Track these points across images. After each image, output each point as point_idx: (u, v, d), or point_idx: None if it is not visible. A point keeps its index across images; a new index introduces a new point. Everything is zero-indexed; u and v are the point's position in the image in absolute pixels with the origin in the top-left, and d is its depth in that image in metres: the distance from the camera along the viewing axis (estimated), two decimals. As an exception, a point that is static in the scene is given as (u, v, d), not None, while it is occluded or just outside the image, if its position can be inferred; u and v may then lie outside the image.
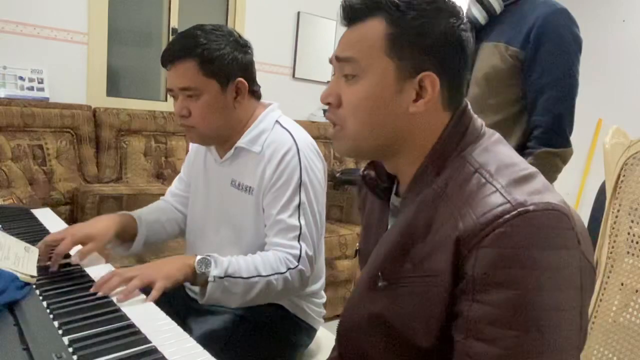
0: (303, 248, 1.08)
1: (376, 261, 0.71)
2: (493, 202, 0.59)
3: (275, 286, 1.04)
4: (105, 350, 0.67)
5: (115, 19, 2.77)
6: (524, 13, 1.40)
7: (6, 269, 0.84)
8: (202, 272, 0.98)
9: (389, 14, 0.66)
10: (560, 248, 0.57)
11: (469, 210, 0.60)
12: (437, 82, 0.66)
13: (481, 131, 0.70)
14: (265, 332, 1.17)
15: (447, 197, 0.64)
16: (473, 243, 0.58)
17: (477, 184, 0.62)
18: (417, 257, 0.65)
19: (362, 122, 0.69)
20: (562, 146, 1.37)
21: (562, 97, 1.37)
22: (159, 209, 1.35)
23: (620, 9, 4.34)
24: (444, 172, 0.67)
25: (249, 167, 1.15)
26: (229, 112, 1.14)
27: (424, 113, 0.67)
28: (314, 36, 3.64)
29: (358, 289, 0.75)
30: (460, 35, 0.67)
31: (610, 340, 1.06)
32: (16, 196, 2.10)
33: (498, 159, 0.65)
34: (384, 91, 0.67)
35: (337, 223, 2.88)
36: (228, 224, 1.20)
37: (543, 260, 0.56)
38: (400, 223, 0.69)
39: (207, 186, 1.26)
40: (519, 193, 0.59)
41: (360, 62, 0.68)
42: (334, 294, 2.63)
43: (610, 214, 1.07)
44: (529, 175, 0.63)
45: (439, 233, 0.63)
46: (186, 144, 2.81)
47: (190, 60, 1.08)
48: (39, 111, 2.34)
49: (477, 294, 0.58)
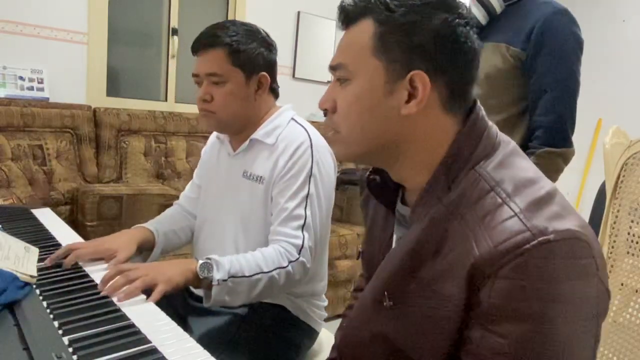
0: (306, 238, 1.09)
1: (382, 279, 0.68)
2: (512, 228, 0.56)
3: (277, 280, 1.06)
4: (105, 350, 0.67)
5: (115, 19, 2.77)
6: (524, 13, 1.40)
7: (6, 269, 0.84)
8: (205, 277, 0.99)
9: (378, 14, 0.64)
10: (580, 278, 0.55)
11: (484, 235, 0.57)
12: (427, 80, 0.62)
13: (496, 141, 0.66)
14: (266, 333, 1.17)
15: (459, 216, 0.60)
16: (489, 272, 0.55)
17: (494, 205, 0.59)
18: (426, 277, 0.62)
19: (354, 126, 0.67)
20: (564, 146, 1.37)
21: (563, 97, 1.37)
22: (171, 218, 1.37)
23: (620, 9, 4.34)
24: (455, 187, 0.63)
25: (262, 158, 1.18)
26: (249, 103, 1.19)
27: (420, 116, 0.64)
28: (314, 36, 3.64)
29: (362, 306, 0.72)
30: (456, 31, 0.63)
31: (610, 340, 1.06)
32: (16, 196, 2.10)
33: (515, 176, 0.61)
34: (374, 93, 0.65)
35: (337, 223, 2.87)
36: (236, 213, 1.21)
37: (562, 293, 0.54)
38: (409, 240, 0.65)
39: (219, 178, 1.28)
40: (538, 219, 0.56)
41: (349, 65, 0.66)
42: (334, 294, 2.63)
43: (610, 214, 1.07)
44: (548, 195, 0.59)
45: (451, 255, 0.60)
46: (186, 144, 2.81)
47: (219, 49, 1.14)
48: (39, 111, 2.34)
49: (491, 324, 0.56)
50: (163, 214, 1.39)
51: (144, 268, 0.96)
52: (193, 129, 2.85)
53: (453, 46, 0.63)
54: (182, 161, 2.78)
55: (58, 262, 1.01)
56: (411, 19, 0.62)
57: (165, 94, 3.08)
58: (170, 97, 3.08)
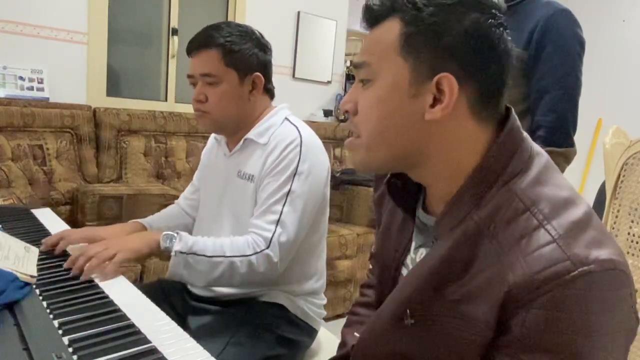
0: (277, 232, 1.10)
1: (404, 295, 0.65)
2: (550, 256, 0.52)
3: (239, 268, 1.07)
4: (105, 350, 0.67)
5: (115, 19, 2.77)
6: (526, 14, 1.40)
7: (6, 269, 0.84)
8: (166, 247, 1.04)
9: (405, 13, 0.60)
10: (617, 310, 0.53)
11: (520, 260, 0.54)
12: (455, 84, 0.59)
13: (531, 153, 0.62)
14: (265, 331, 1.17)
15: (492, 236, 0.57)
16: (525, 300, 0.53)
17: (530, 227, 0.55)
18: (452, 297, 0.59)
19: (374, 129, 0.63)
20: (566, 146, 1.37)
21: (565, 97, 1.37)
22: (168, 215, 1.40)
23: (620, 9, 4.34)
24: (487, 203, 0.59)
25: (254, 157, 1.20)
26: (243, 103, 1.20)
27: (445, 121, 0.60)
28: (314, 36, 3.64)
29: (381, 321, 0.69)
30: (488, 33, 0.59)
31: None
32: (16, 196, 2.10)
33: (552, 195, 0.58)
34: (397, 94, 0.61)
35: (337, 223, 2.87)
36: (232, 213, 1.23)
37: (598, 326, 0.52)
38: (435, 256, 0.62)
39: (216, 179, 1.29)
40: (578, 246, 0.53)
41: (373, 65, 0.63)
42: (334, 294, 2.63)
43: (610, 214, 1.07)
44: (586, 217, 0.56)
45: (482, 276, 0.57)
46: (186, 144, 2.81)
47: (213, 49, 1.15)
48: (39, 111, 2.34)
49: (521, 353, 0.54)
50: (160, 212, 1.41)
51: (104, 243, 1.01)
52: (193, 129, 2.85)
53: (485, 49, 0.59)
54: (182, 161, 2.78)
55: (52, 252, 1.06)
56: (440, 19, 0.59)
57: (165, 94, 3.08)
58: (170, 97, 3.08)
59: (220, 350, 1.07)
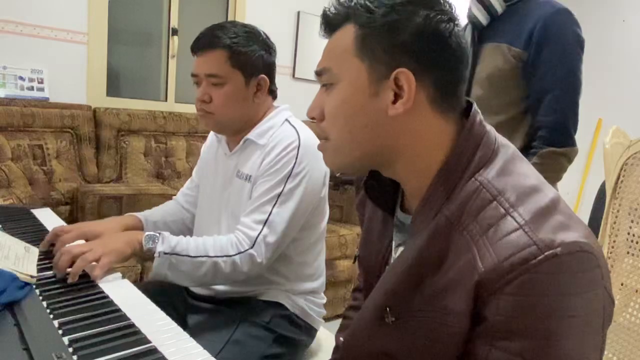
0: (263, 233, 1.10)
1: (383, 293, 0.66)
2: (517, 242, 0.54)
3: (222, 268, 1.07)
4: (105, 350, 0.67)
5: (115, 19, 2.77)
6: (526, 13, 1.40)
7: (6, 269, 0.84)
8: (149, 248, 1.04)
9: (359, 17, 0.63)
10: (587, 291, 0.54)
11: (489, 249, 0.55)
12: (412, 78, 0.61)
13: (495, 146, 0.63)
14: (265, 331, 1.17)
15: (462, 228, 0.59)
16: (495, 287, 0.54)
17: (497, 216, 0.57)
18: (429, 291, 0.61)
19: (341, 131, 0.65)
20: (567, 145, 1.37)
21: (565, 96, 1.36)
22: (165, 209, 1.40)
23: (620, 9, 4.34)
24: (456, 196, 0.61)
25: (253, 157, 1.20)
26: (247, 105, 1.19)
27: (408, 116, 0.62)
28: (314, 36, 3.64)
29: (362, 322, 0.70)
30: (439, 28, 0.61)
31: (610, 340, 1.06)
32: (16, 196, 2.10)
33: (517, 184, 0.59)
34: (359, 94, 0.64)
35: (337, 223, 2.88)
36: (228, 213, 1.23)
37: (569, 307, 0.53)
38: (410, 253, 0.63)
39: (216, 177, 1.29)
40: (544, 230, 0.54)
41: (333, 69, 0.66)
42: (334, 294, 2.63)
43: (610, 214, 1.07)
44: (552, 203, 0.57)
45: (455, 268, 0.58)
46: (186, 144, 2.81)
47: (220, 50, 1.14)
48: (39, 111, 2.34)
49: (497, 340, 0.55)
50: (157, 207, 1.41)
51: (88, 244, 0.99)
52: (193, 129, 2.85)
53: (437, 43, 0.61)
54: (182, 161, 2.78)
55: (52, 252, 1.03)
56: (392, 18, 0.61)
57: (165, 94, 3.08)
58: (170, 97, 3.08)
59: (220, 348, 1.07)
